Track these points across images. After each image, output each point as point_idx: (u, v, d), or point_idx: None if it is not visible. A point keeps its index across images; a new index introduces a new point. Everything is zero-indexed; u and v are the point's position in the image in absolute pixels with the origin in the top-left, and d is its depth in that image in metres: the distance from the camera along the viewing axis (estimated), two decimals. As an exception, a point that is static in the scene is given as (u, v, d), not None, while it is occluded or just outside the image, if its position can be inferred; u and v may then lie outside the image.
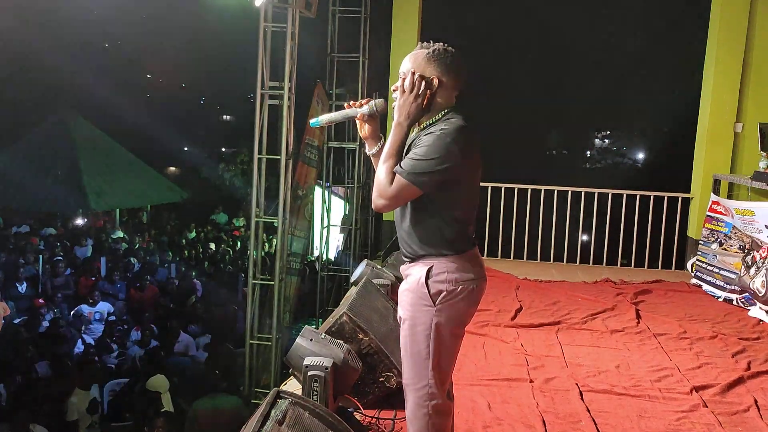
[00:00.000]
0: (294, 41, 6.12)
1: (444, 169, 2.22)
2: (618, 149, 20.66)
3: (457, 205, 2.34)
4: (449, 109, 2.36)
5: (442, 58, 2.35)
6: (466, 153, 2.26)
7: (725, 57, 7.14)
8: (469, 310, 2.38)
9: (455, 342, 2.40)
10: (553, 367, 4.22)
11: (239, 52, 16.11)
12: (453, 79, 2.37)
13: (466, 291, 2.33)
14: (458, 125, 2.27)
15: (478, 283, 2.36)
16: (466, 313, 2.37)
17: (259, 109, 6.12)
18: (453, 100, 2.39)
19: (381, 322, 3.75)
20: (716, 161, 7.22)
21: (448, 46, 2.40)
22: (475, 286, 2.35)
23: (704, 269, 6.50)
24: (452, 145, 2.22)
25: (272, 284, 6.24)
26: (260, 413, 2.25)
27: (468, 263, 2.35)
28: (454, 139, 2.23)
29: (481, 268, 2.41)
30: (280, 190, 6.17)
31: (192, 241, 14.09)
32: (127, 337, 8.05)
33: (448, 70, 2.36)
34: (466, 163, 2.27)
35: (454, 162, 2.22)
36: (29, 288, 9.28)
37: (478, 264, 2.40)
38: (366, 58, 8.27)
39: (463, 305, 2.34)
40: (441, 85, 2.35)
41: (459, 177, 2.28)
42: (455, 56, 2.37)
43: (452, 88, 2.38)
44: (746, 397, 3.86)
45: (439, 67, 2.35)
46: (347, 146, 8.67)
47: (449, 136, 2.23)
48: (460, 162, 2.24)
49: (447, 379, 2.43)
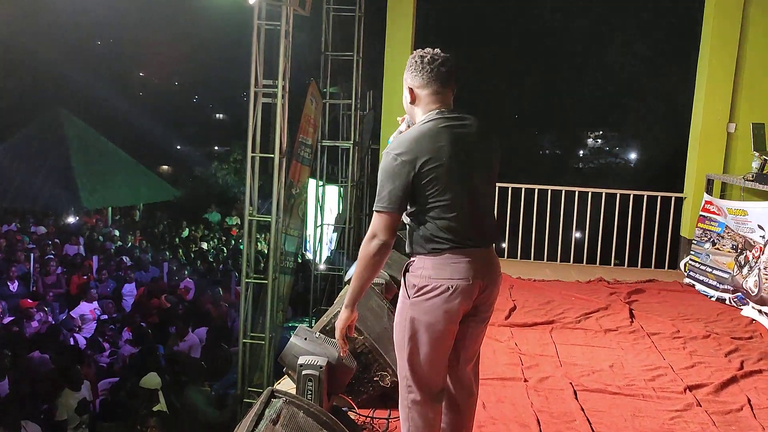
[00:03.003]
0: (288, 39, 6.10)
1: (397, 186, 2.28)
2: (611, 149, 20.74)
3: (433, 209, 2.33)
4: (424, 116, 2.39)
5: (411, 66, 2.42)
6: (414, 165, 2.27)
7: (718, 57, 7.16)
8: (447, 310, 2.33)
9: (433, 341, 2.36)
10: (547, 366, 4.22)
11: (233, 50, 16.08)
12: (421, 82, 2.40)
13: (440, 289, 2.32)
14: (402, 138, 2.34)
15: (459, 284, 2.32)
16: (441, 311, 2.33)
17: (253, 108, 6.10)
18: (431, 104, 2.41)
19: (375, 321, 3.73)
20: (709, 161, 7.23)
21: (429, 49, 2.43)
22: (451, 286, 2.31)
23: (697, 269, 6.52)
24: (394, 161, 2.28)
25: (266, 283, 6.22)
26: (254, 412, 2.24)
27: (449, 263, 2.33)
28: (396, 154, 2.29)
29: (471, 270, 2.34)
30: (274, 188, 6.16)
31: (185, 239, 14.03)
32: (119, 336, 8.01)
33: (414, 75, 2.41)
34: (424, 170, 2.28)
35: (404, 174, 2.27)
36: (20, 287, 9.22)
37: (466, 265, 2.34)
38: (360, 56, 8.26)
39: (438, 302, 2.32)
40: (413, 93, 2.43)
41: (422, 184, 2.30)
42: (423, 58, 2.40)
43: (427, 93, 2.40)
44: (739, 396, 3.86)
45: (409, 75, 2.43)
46: (341, 145, 8.66)
47: (391, 153, 2.30)
48: (408, 176, 2.27)
49: (429, 379, 2.41)
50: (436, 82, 2.39)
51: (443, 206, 2.32)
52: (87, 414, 6.13)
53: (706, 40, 7.31)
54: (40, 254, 10.58)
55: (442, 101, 2.41)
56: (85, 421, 6.12)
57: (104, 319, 8.56)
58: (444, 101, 2.42)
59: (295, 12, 6.18)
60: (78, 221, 14.36)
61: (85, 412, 6.11)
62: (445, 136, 2.32)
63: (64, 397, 6.18)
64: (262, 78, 6.15)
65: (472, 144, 2.38)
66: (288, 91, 6.17)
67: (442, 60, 2.39)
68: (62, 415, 6.07)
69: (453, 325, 2.38)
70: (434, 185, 2.30)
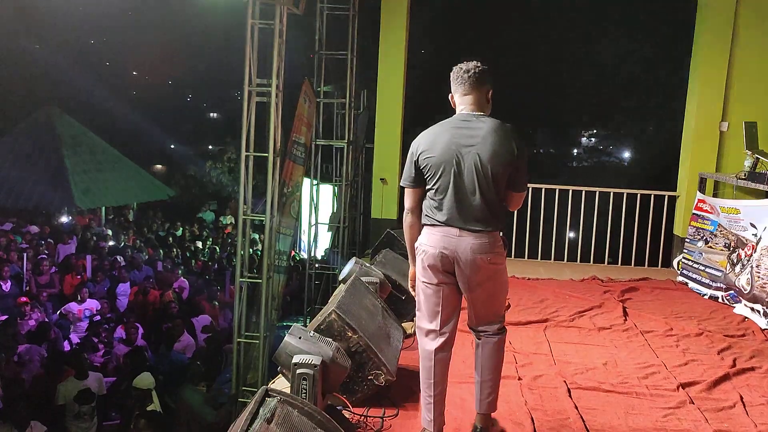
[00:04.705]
0: (282, 38, 6.10)
1: (407, 167, 2.96)
2: (605, 148, 20.79)
3: (429, 191, 2.92)
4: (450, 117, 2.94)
5: (451, 76, 2.96)
6: (415, 152, 2.91)
7: (711, 56, 7.18)
8: (424, 269, 2.95)
9: (424, 290, 2.97)
10: (541, 364, 4.23)
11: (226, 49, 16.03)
12: (453, 88, 2.96)
13: (420, 252, 2.97)
14: (418, 135, 2.96)
15: (428, 251, 2.91)
16: (420, 270, 2.98)
17: (247, 107, 6.08)
18: (459, 106, 2.94)
19: (370, 320, 3.74)
20: (702, 160, 7.26)
21: (467, 61, 2.94)
22: (425, 251, 2.93)
23: (690, 267, 6.55)
24: (410, 152, 2.94)
25: (260, 282, 6.21)
26: (249, 412, 2.23)
27: (429, 234, 2.93)
28: (411, 147, 2.95)
29: (440, 242, 2.88)
30: (268, 187, 6.15)
31: (179, 238, 14.00)
32: (112, 336, 7.99)
33: (451, 83, 2.96)
34: (420, 158, 2.88)
35: (409, 161, 2.95)
36: (13, 286, 9.17)
37: (440, 238, 2.88)
38: (354, 55, 8.25)
39: (418, 263, 2.99)
40: (452, 98, 2.99)
41: (419, 170, 2.91)
42: (455, 68, 2.93)
43: (456, 97, 2.96)
44: (732, 393, 3.89)
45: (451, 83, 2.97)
46: (335, 144, 8.65)
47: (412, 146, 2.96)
48: (412, 159, 2.92)
49: (426, 318, 2.98)
50: (461, 87, 2.91)
51: (433, 190, 2.89)
52: (88, 405, 6.11)
53: (699, 39, 7.34)
54: (34, 254, 10.54)
55: (467, 103, 2.91)
56: (87, 411, 6.10)
57: (98, 319, 8.53)
58: (469, 103, 2.90)
59: (289, 11, 6.16)
60: (71, 221, 14.30)
61: (86, 402, 6.09)
62: (446, 135, 2.85)
63: (66, 383, 6.18)
64: (256, 77, 6.13)
65: (470, 146, 2.81)
66: (282, 90, 6.16)
67: (467, 68, 2.90)
68: (59, 400, 6.07)
69: (428, 280, 2.95)
70: (428, 172, 2.88)
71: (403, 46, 7.79)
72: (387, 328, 3.93)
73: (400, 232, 6.32)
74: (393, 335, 3.94)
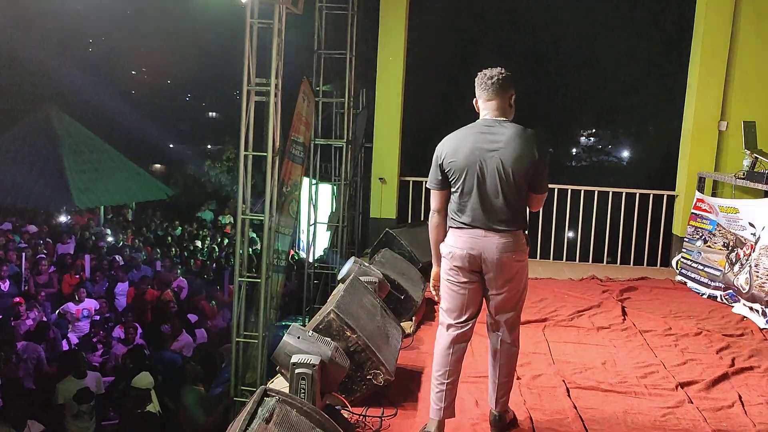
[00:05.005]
0: (280, 38, 6.08)
1: (432, 170, 3.10)
2: (603, 147, 20.77)
3: (453, 193, 3.07)
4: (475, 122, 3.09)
5: (475, 81, 3.09)
6: (440, 156, 3.05)
7: (710, 56, 7.19)
8: (450, 269, 3.09)
9: (450, 288, 3.10)
10: (540, 364, 4.24)
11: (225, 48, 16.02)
12: (477, 93, 3.09)
13: (446, 253, 3.10)
14: (443, 140, 3.09)
15: (455, 252, 3.05)
16: (446, 270, 3.12)
17: (246, 106, 6.07)
18: (482, 111, 3.08)
19: (368, 320, 3.74)
20: (701, 159, 7.27)
21: (493, 68, 3.07)
22: (452, 252, 3.06)
23: (689, 266, 6.55)
24: (434, 155, 3.09)
25: (259, 281, 6.20)
26: (247, 411, 2.23)
27: (456, 236, 3.06)
28: (435, 151, 3.09)
29: (466, 243, 3.01)
30: (267, 187, 6.14)
31: (178, 238, 13.98)
32: (111, 335, 7.98)
33: (475, 88, 3.09)
34: (445, 162, 3.02)
35: (434, 165, 3.08)
36: (12, 286, 9.16)
37: (467, 239, 3.02)
38: (353, 54, 8.24)
39: (444, 263, 3.13)
40: (476, 103, 3.11)
41: (444, 173, 3.05)
42: (480, 75, 3.06)
43: (480, 102, 3.08)
44: (731, 392, 3.89)
45: (475, 89, 3.10)
46: (334, 143, 8.64)
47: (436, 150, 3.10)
48: (437, 163, 3.06)
49: (450, 315, 3.11)
50: (484, 93, 3.04)
51: (458, 193, 3.03)
52: (87, 404, 6.11)
53: (697, 38, 7.34)
54: (32, 253, 10.52)
55: (491, 108, 3.04)
56: (86, 410, 6.10)
57: (96, 318, 8.52)
58: (493, 109, 3.03)
59: (288, 10, 6.15)
60: (70, 220, 14.28)
61: (85, 401, 6.09)
62: (469, 140, 2.98)
63: (65, 383, 6.18)
64: (255, 76, 6.12)
65: (493, 150, 2.94)
66: (281, 89, 6.15)
67: (490, 74, 3.02)
68: (59, 400, 6.07)
69: (454, 279, 3.08)
70: (452, 175, 3.03)
71: (402, 45, 7.79)
72: (386, 327, 3.93)
73: (399, 232, 6.33)
74: (392, 335, 3.94)
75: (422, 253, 6.16)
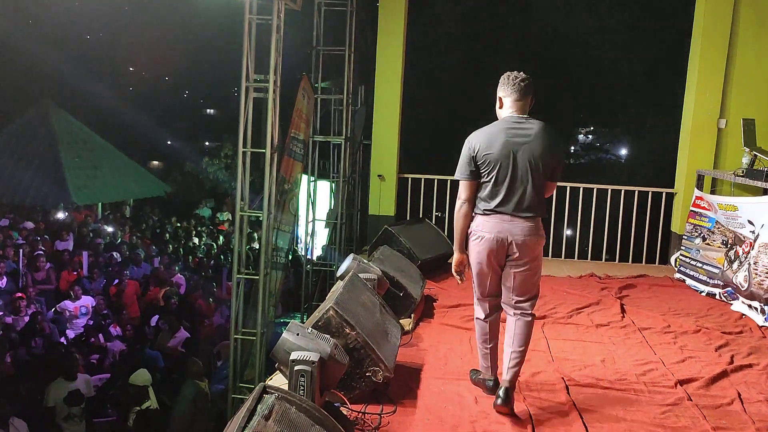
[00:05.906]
0: (279, 34, 6.06)
1: (463, 162, 3.40)
2: (602, 145, 20.77)
3: (484, 183, 3.36)
4: (502, 118, 3.41)
5: (501, 81, 3.43)
6: (474, 149, 3.34)
7: (709, 53, 7.18)
8: (479, 252, 3.40)
9: (478, 270, 3.47)
10: (539, 361, 4.23)
11: (224, 44, 15.99)
12: (505, 92, 3.41)
13: (476, 237, 3.42)
14: (477, 130, 3.40)
15: (484, 236, 3.37)
16: (476, 252, 3.43)
17: (244, 103, 6.05)
18: (509, 109, 3.38)
19: (368, 317, 3.73)
20: (700, 157, 7.26)
21: (517, 72, 3.43)
22: (481, 236, 3.38)
23: (688, 264, 6.55)
24: (464, 148, 3.40)
25: (257, 278, 6.19)
26: (246, 408, 2.22)
27: (484, 221, 3.38)
28: (466, 140, 3.41)
29: (494, 227, 3.34)
30: (266, 184, 6.12)
31: (175, 235, 13.96)
32: (108, 332, 7.96)
33: (502, 87, 3.43)
34: (479, 154, 3.32)
35: (466, 158, 3.38)
36: (9, 283, 9.14)
37: (495, 224, 3.34)
38: (352, 51, 8.21)
39: (473, 246, 3.44)
40: (501, 101, 3.43)
41: (477, 165, 3.35)
42: (509, 76, 3.41)
43: (509, 101, 3.39)
44: (730, 390, 3.89)
45: (500, 88, 3.44)
46: (333, 140, 8.62)
47: (465, 144, 3.41)
48: (470, 156, 3.35)
49: (481, 297, 3.54)
50: (515, 93, 3.37)
51: (489, 182, 3.33)
52: (78, 406, 6.09)
53: (697, 35, 7.33)
54: (30, 250, 10.50)
55: (518, 107, 3.37)
56: (76, 413, 6.09)
57: (92, 316, 8.50)
58: (519, 108, 3.37)
59: (286, 6, 6.13)
60: (67, 217, 14.26)
61: (76, 403, 6.07)
62: (502, 134, 3.30)
63: (56, 385, 6.16)
64: (254, 73, 6.10)
65: (524, 143, 3.28)
66: (279, 86, 6.13)
67: (521, 77, 3.38)
68: (49, 402, 6.06)
69: (482, 260, 3.40)
70: (485, 167, 3.32)
71: (402, 42, 7.77)
72: (385, 324, 3.92)
73: (397, 229, 6.32)
74: (391, 332, 3.93)
75: (421, 250, 6.16)
